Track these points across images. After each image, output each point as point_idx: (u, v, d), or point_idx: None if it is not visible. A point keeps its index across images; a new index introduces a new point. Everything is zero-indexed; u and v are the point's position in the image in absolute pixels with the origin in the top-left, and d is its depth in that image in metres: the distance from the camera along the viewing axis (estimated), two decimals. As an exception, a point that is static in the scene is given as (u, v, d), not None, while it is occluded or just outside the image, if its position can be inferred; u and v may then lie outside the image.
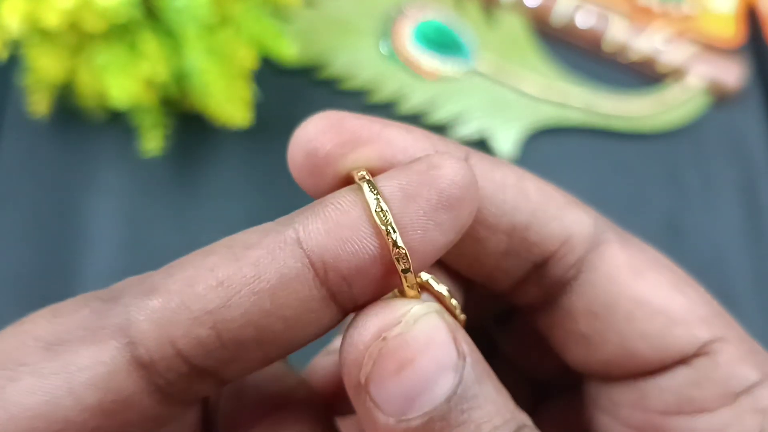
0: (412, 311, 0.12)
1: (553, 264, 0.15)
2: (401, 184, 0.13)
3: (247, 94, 0.31)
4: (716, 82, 0.37)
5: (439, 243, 0.13)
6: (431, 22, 0.37)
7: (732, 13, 0.39)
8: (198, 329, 0.12)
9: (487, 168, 0.15)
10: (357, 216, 0.12)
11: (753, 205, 0.35)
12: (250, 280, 0.12)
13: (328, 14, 0.37)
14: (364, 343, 0.12)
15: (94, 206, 0.32)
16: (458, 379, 0.12)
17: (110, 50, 0.29)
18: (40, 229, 0.32)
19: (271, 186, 0.33)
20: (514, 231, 0.15)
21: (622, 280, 0.15)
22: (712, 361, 0.15)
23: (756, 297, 0.33)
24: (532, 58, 0.37)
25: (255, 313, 0.12)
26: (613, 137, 0.36)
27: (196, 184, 0.33)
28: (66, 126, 0.33)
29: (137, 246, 0.32)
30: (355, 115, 0.14)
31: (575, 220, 0.15)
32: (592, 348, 0.15)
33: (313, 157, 0.14)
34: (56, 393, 0.12)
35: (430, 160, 0.13)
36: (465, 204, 0.13)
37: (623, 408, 0.16)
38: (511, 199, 0.15)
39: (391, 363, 0.12)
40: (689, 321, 0.15)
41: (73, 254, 0.31)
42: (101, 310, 0.12)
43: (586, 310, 0.15)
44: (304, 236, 0.12)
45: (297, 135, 0.14)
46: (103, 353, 0.12)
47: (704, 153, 0.36)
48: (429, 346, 0.12)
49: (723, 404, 0.14)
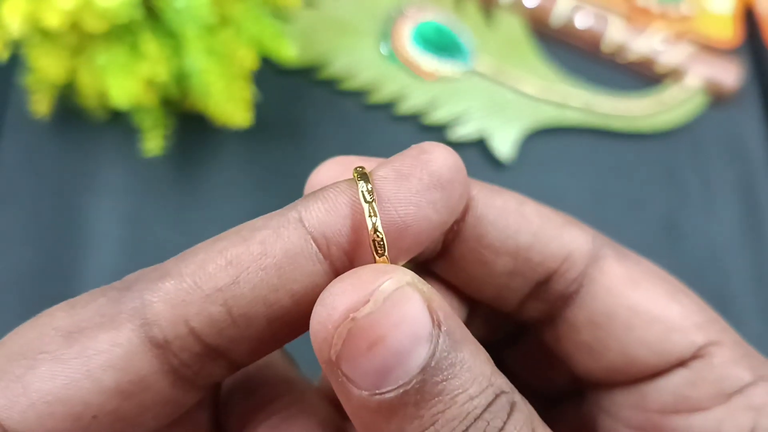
0: (382, 287, 0.12)
1: (555, 280, 0.16)
2: (395, 166, 0.13)
3: (247, 95, 0.31)
4: (714, 83, 0.37)
5: (433, 220, 0.13)
6: (430, 23, 0.37)
7: (730, 14, 0.39)
8: (210, 307, 0.12)
9: (488, 195, 0.16)
10: (352, 198, 0.13)
11: (751, 204, 0.35)
12: (257, 257, 0.13)
13: (328, 15, 0.37)
14: (333, 323, 0.12)
15: (94, 206, 0.32)
16: (432, 350, 0.12)
17: (111, 50, 0.29)
18: (41, 229, 0.32)
19: (271, 186, 0.34)
20: (518, 252, 0.16)
21: (620, 292, 0.16)
22: (708, 363, 0.15)
23: (754, 296, 0.33)
24: (531, 58, 0.37)
25: (263, 288, 0.13)
26: (611, 137, 0.36)
27: (196, 184, 0.33)
28: (67, 126, 0.34)
29: (138, 246, 0.32)
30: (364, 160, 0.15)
31: (574, 239, 0.16)
32: (596, 356, 0.16)
33: None
34: (75, 377, 0.12)
35: (421, 146, 0.14)
36: (455, 185, 0.13)
37: (624, 409, 0.16)
38: (513, 223, 0.16)
39: (361, 341, 0.12)
40: (685, 327, 0.15)
41: (74, 254, 0.31)
42: (117, 297, 0.13)
43: (588, 321, 0.16)
44: (306, 215, 0.13)
45: (312, 179, 0.15)
46: (119, 336, 0.12)
47: (702, 153, 0.36)
48: (401, 321, 0.12)
49: (718, 403, 0.15)
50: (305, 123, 0.35)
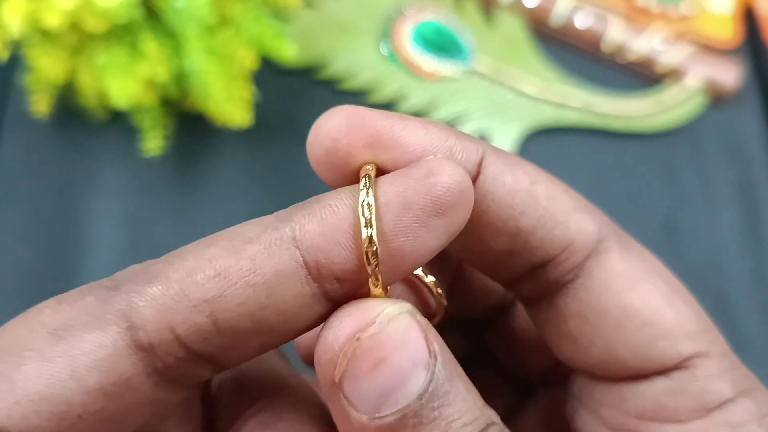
0: (386, 311, 0.13)
1: (552, 267, 0.16)
2: (399, 191, 0.13)
3: (247, 95, 0.31)
4: (714, 83, 0.37)
5: (431, 247, 0.13)
6: (430, 23, 0.37)
7: (730, 14, 0.39)
8: (196, 317, 0.12)
9: (499, 170, 0.15)
10: (351, 223, 0.13)
11: (750, 204, 0.35)
12: (246, 273, 0.12)
13: (327, 15, 0.37)
14: (339, 344, 0.12)
15: (94, 206, 0.32)
16: (430, 377, 0.12)
17: (111, 51, 0.29)
18: (40, 229, 0.32)
19: (271, 186, 0.34)
20: (518, 234, 0.15)
21: (616, 290, 0.15)
22: (691, 374, 0.15)
23: (753, 296, 0.33)
24: (531, 58, 0.37)
25: (250, 305, 0.13)
26: (611, 137, 0.36)
27: (196, 184, 0.33)
28: (66, 126, 0.34)
29: (137, 246, 0.32)
30: (374, 114, 0.14)
31: (579, 228, 0.15)
32: (579, 348, 0.16)
33: (333, 155, 0.14)
34: (60, 376, 0.12)
35: (428, 166, 0.13)
36: (458, 210, 0.13)
37: (603, 407, 0.16)
38: (519, 204, 0.15)
39: (365, 361, 0.12)
40: (674, 335, 0.15)
41: (73, 254, 0.31)
42: (104, 297, 0.13)
43: (578, 313, 0.16)
44: (300, 236, 0.13)
45: (317, 129, 0.14)
46: (104, 337, 0.12)
47: (702, 153, 0.36)
48: (402, 344, 0.12)
49: (696, 417, 0.15)
50: (305, 123, 0.35)
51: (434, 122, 0.15)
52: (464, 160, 0.15)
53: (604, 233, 0.16)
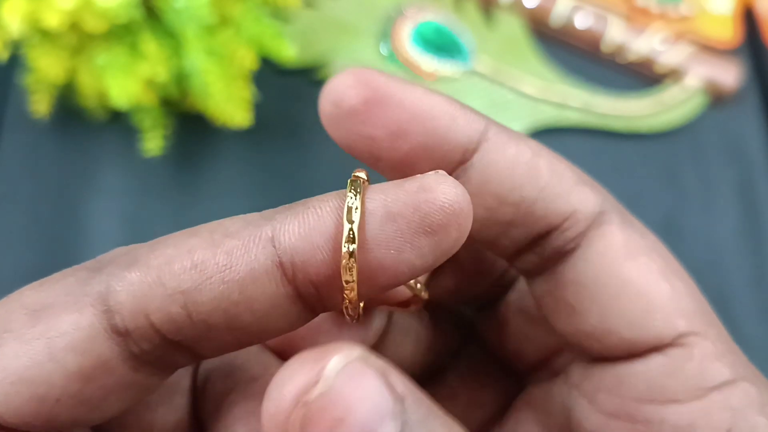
0: (330, 366, 0.11)
1: (554, 236, 0.16)
2: (386, 201, 0.12)
3: (246, 95, 0.31)
4: (714, 83, 0.37)
5: (415, 265, 0.12)
6: (430, 23, 0.37)
7: (730, 14, 0.39)
8: (170, 306, 0.12)
9: (502, 142, 0.15)
10: (331, 226, 0.12)
11: (750, 205, 0.35)
12: (222, 268, 0.12)
13: (327, 15, 0.37)
14: (284, 413, 0.11)
15: (94, 206, 0.32)
16: (401, 426, 0.11)
17: (111, 51, 0.29)
18: (40, 229, 0.32)
19: (271, 186, 0.34)
20: (521, 204, 0.15)
21: (614, 260, 0.15)
22: (687, 353, 0.15)
23: (753, 296, 0.33)
24: (531, 58, 0.37)
25: (223, 300, 0.12)
26: (611, 137, 0.36)
27: (196, 184, 0.33)
28: (66, 126, 0.34)
29: (137, 246, 0.32)
30: (381, 74, 0.14)
31: (582, 199, 0.16)
32: (575, 318, 0.16)
33: (338, 108, 0.14)
34: (38, 358, 0.12)
35: (423, 181, 0.13)
36: (450, 231, 0.12)
37: (600, 393, 0.16)
38: (522, 174, 0.15)
39: (319, 427, 0.11)
40: (670, 310, 0.15)
41: (73, 254, 0.31)
42: (85, 278, 0.13)
43: (575, 282, 0.16)
44: (279, 235, 0.12)
45: (327, 86, 0.15)
46: (82, 319, 0.12)
47: (702, 153, 0.36)
48: (358, 398, 0.11)
49: (694, 397, 0.15)
50: (305, 123, 0.35)
51: (440, 92, 0.15)
52: (466, 126, 0.15)
53: (606, 207, 0.16)
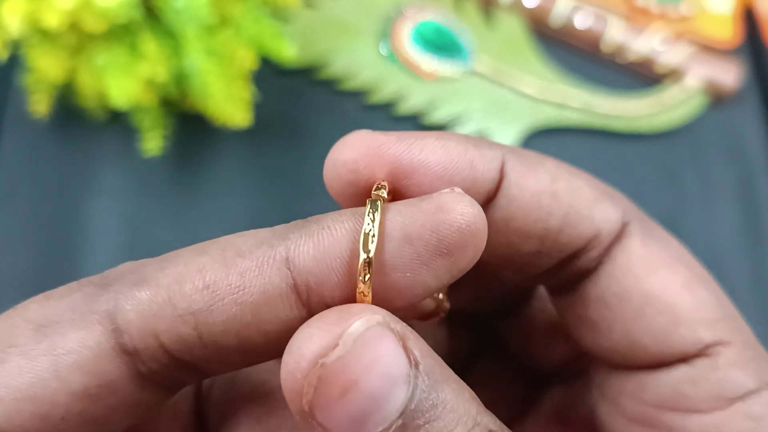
0: (351, 329, 0.11)
1: (579, 258, 0.15)
2: (404, 222, 0.12)
3: (246, 95, 0.31)
4: (714, 83, 0.37)
5: (429, 286, 0.12)
6: (430, 23, 0.37)
7: (730, 14, 0.39)
8: (181, 327, 0.12)
9: (521, 174, 0.15)
10: (346, 249, 0.12)
11: (750, 204, 0.35)
12: (235, 290, 0.12)
13: (327, 15, 0.37)
14: (302, 372, 0.11)
15: (94, 206, 0.32)
16: (411, 391, 0.11)
17: (110, 51, 0.29)
18: (40, 229, 0.32)
19: (271, 186, 0.34)
20: (546, 235, 0.15)
21: (636, 275, 0.15)
22: (712, 363, 0.15)
23: (754, 296, 0.33)
24: (531, 58, 0.37)
25: (236, 322, 0.12)
26: (611, 137, 0.36)
27: (196, 184, 0.33)
28: (66, 126, 0.34)
29: (137, 246, 0.32)
30: (391, 140, 0.14)
31: (604, 218, 0.15)
32: (599, 335, 0.16)
33: (353, 186, 0.14)
34: (43, 375, 0.12)
35: (440, 201, 0.12)
36: (467, 251, 0.12)
37: (623, 398, 0.16)
38: (544, 205, 0.15)
39: (333, 388, 0.11)
40: (695, 322, 0.15)
41: (73, 254, 0.31)
42: (92, 295, 0.13)
43: (599, 299, 0.15)
44: (293, 256, 0.12)
45: (334, 160, 0.14)
46: (89, 337, 0.12)
47: (702, 153, 0.36)
48: (373, 363, 0.11)
49: (717, 408, 0.15)
50: (305, 123, 0.35)
51: (451, 135, 0.14)
52: (486, 170, 0.14)
53: (628, 217, 0.16)
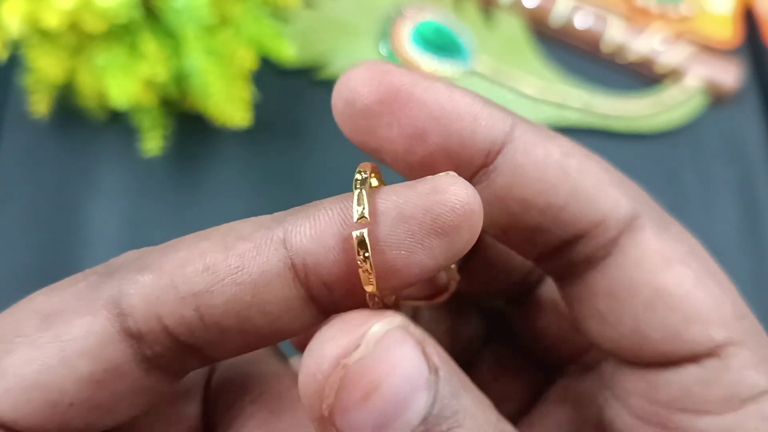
0: (372, 330, 0.11)
1: (583, 243, 0.15)
2: (398, 202, 0.12)
3: (246, 95, 0.31)
4: (714, 83, 0.37)
5: (427, 266, 0.12)
6: (430, 23, 0.37)
7: (729, 14, 0.39)
8: (183, 309, 0.12)
9: (530, 142, 0.14)
10: (342, 227, 0.12)
11: (750, 204, 0.35)
12: (234, 270, 0.12)
13: (327, 15, 0.37)
14: (323, 374, 0.11)
15: (94, 206, 0.32)
16: (432, 398, 0.11)
17: (110, 51, 0.29)
18: (40, 229, 0.32)
19: (271, 186, 0.34)
20: (549, 209, 0.14)
21: (648, 269, 0.15)
22: (724, 363, 0.14)
23: (754, 296, 0.33)
24: (531, 58, 0.37)
25: (236, 302, 0.12)
26: (611, 137, 0.36)
27: (196, 184, 0.33)
28: (66, 126, 0.34)
29: (137, 246, 0.31)
30: (398, 70, 0.14)
31: (612, 204, 0.15)
32: (607, 327, 0.15)
33: (352, 107, 0.14)
34: (50, 362, 0.12)
35: (435, 182, 0.12)
36: (462, 233, 0.12)
37: (633, 396, 0.15)
38: (551, 177, 0.14)
39: (355, 391, 0.11)
40: (707, 320, 0.14)
41: (73, 254, 0.31)
42: (96, 283, 0.13)
43: (608, 291, 0.15)
44: (290, 237, 0.12)
45: (340, 81, 0.14)
46: (94, 323, 0.12)
47: (702, 153, 0.36)
48: (396, 365, 0.11)
49: (729, 409, 0.14)
50: (305, 123, 0.35)
51: (462, 88, 0.14)
52: (489, 127, 0.14)
53: (639, 210, 0.15)
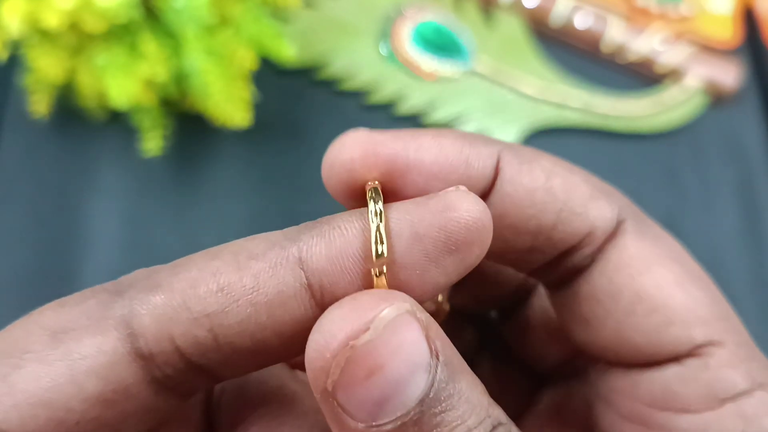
0: (382, 315, 0.12)
1: (572, 254, 0.15)
2: (412, 221, 0.12)
3: (246, 95, 0.31)
4: (714, 83, 0.37)
5: (439, 283, 0.13)
6: (430, 23, 0.37)
7: (729, 14, 0.39)
8: (196, 330, 0.12)
9: (516, 171, 0.15)
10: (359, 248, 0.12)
11: (750, 205, 0.35)
12: (249, 291, 0.12)
13: (327, 15, 0.37)
14: (331, 352, 0.12)
15: (94, 206, 0.32)
16: (431, 380, 0.12)
17: (110, 51, 0.29)
18: (40, 229, 0.32)
19: (271, 186, 0.34)
20: (539, 232, 0.15)
21: (629, 273, 0.15)
22: (703, 362, 0.15)
23: (753, 296, 0.33)
24: (531, 58, 0.37)
25: (251, 324, 0.12)
26: (611, 137, 0.36)
27: (196, 184, 0.33)
28: (66, 126, 0.34)
29: (137, 246, 0.32)
30: (387, 139, 0.14)
31: (598, 215, 0.15)
32: (591, 331, 0.16)
33: (350, 185, 0.14)
34: (59, 380, 0.12)
35: (446, 199, 0.13)
36: (473, 248, 0.13)
37: (617, 396, 0.16)
38: (538, 202, 0.15)
39: (359, 370, 0.11)
40: (687, 321, 0.15)
41: (73, 254, 0.31)
42: (107, 301, 0.13)
43: (591, 296, 0.15)
44: (306, 257, 0.12)
45: (331, 160, 0.14)
46: (105, 343, 0.12)
47: (702, 153, 0.36)
48: (400, 348, 0.12)
49: (708, 408, 0.15)
50: (305, 123, 0.35)
51: (447, 133, 0.15)
52: (481, 168, 0.14)
53: (623, 214, 0.16)
